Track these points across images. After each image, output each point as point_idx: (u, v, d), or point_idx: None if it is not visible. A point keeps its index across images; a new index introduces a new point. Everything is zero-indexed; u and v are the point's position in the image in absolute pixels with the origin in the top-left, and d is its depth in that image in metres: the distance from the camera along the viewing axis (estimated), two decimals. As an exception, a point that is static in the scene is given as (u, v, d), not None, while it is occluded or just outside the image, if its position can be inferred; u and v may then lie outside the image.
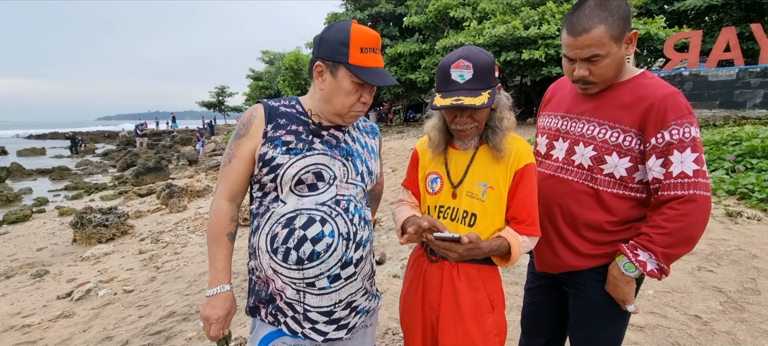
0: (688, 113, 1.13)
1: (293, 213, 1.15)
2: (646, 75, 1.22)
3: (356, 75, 1.11)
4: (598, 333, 1.33)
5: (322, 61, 1.15)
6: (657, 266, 1.12)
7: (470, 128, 1.25)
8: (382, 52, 1.23)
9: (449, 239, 1.13)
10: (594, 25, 1.09)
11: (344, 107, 1.17)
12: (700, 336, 2.32)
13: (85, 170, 18.12)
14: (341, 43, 1.11)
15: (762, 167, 5.05)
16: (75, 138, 28.87)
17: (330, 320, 1.21)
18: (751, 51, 11.07)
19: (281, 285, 1.18)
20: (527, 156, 1.28)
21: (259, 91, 32.34)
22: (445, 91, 1.22)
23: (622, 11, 1.10)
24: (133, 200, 10.21)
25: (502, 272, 3.30)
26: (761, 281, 2.87)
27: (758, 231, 3.78)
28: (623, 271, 1.17)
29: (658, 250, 1.10)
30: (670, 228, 1.09)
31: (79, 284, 4.44)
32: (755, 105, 9.08)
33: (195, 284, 4.09)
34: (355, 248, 1.21)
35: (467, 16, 13.91)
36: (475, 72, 1.19)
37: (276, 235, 1.15)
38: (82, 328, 3.43)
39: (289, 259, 1.15)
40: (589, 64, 1.15)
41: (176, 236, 6.27)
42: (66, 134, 33.53)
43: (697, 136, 1.11)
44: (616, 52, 1.13)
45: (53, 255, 5.99)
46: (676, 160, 1.10)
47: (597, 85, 1.21)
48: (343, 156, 1.22)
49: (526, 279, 1.63)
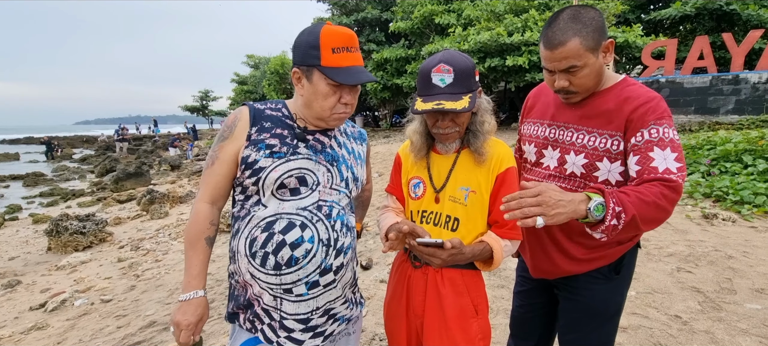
0: (668, 116, 1.15)
1: (273, 217, 1.13)
2: (628, 81, 1.25)
3: (329, 76, 1.09)
4: (590, 335, 1.34)
5: (297, 67, 1.14)
6: (615, 224, 1.01)
7: (452, 132, 1.26)
8: (367, 56, 1.22)
9: (432, 244, 1.12)
10: (569, 38, 1.12)
11: (325, 110, 1.14)
12: (681, 336, 2.38)
13: (61, 176, 17.51)
14: (312, 46, 1.10)
15: (735, 171, 5.24)
16: (50, 143, 27.91)
17: (306, 327, 1.18)
18: (723, 59, 11.51)
19: (259, 290, 1.16)
20: (508, 160, 1.29)
21: (244, 95, 31.98)
22: (426, 96, 1.22)
23: (595, 22, 1.12)
24: (112, 207, 9.91)
25: (488, 275, 3.31)
26: (737, 281, 2.96)
27: (733, 232, 3.91)
28: (590, 208, 1.01)
29: (630, 212, 1.02)
30: (649, 201, 1.03)
31: (54, 294, 4.27)
32: (728, 111, 9.45)
33: (177, 292, 3.98)
34: (335, 255, 1.19)
35: (452, 22, 14.09)
36: (455, 76, 1.19)
37: (255, 239, 1.13)
38: (56, 340, 3.29)
39: (267, 264, 1.12)
40: (568, 75, 1.17)
41: (157, 243, 6.10)
42: (42, 139, 32.43)
43: (675, 139, 1.13)
44: (594, 61, 1.15)
45: (26, 264, 5.75)
46: (658, 157, 1.09)
47: (579, 94, 1.23)
48: (328, 161, 1.21)
49: (516, 282, 1.64)
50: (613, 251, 1.30)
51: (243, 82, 33.40)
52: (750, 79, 9.21)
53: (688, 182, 5.33)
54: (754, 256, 3.35)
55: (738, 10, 12.92)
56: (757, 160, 5.23)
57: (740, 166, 5.30)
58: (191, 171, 14.33)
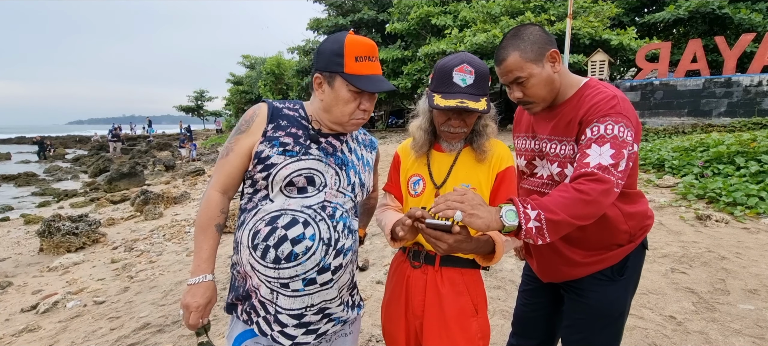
0: (614, 113, 1.14)
1: (278, 212, 1.16)
2: (588, 85, 1.27)
3: (351, 83, 1.13)
4: (595, 336, 1.35)
5: (319, 72, 1.18)
6: (538, 225, 1.02)
7: (461, 132, 1.29)
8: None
9: (440, 226, 1.11)
10: (509, 54, 1.23)
11: (344, 116, 1.19)
12: (675, 336, 2.39)
13: (54, 176, 17.32)
14: (336, 53, 1.14)
15: (728, 172, 5.30)
16: (43, 142, 27.61)
17: (300, 323, 1.20)
18: (716, 62, 11.64)
19: (257, 282, 1.18)
20: (508, 159, 1.32)
21: (240, 95, 31.86)
22: (446, 93, 1.24)
23: (533, 37, 1.22)
24: (105, 207, 9.81)
25: (485, 276, 3.32)
26: (730, 282, 2.99)
27: (726, 233, 3.94)
28: (502, 215, 1.03)
29: (551, 211, 1.02)
30: (568, 197, 1.04)
31: (46, 296, 4.21)
32: (720, 113, 9.56)
33: (171, 293, 3.95)
34: (334, 255, 1.20)
35: (449, 23, 14.14)
36: (476, 78, 1.24)
37: (258, 231, 1.16)
38: (48, 342, 3.25)
39: (267, 256, 1.15)
40: (519, 87, 1.25)
41: (151, 244, 6.05)
42: (34, 139, 32.04)
43: (619, 134, 1.10)
44: (539, 71, 1.22)
45: (17, 265, 5.67)
46: (593, 153, 1.10)
47: (536, 103, 1.28)
48: (337, 165, 1.24)
49: (521, 281, 1.66)
50: (615, 253, 1.31)
51: (238, 83, 33.28)
52: (742, 82, 9.32)
53: (681, 184, 5.39)
54: (746, 257, 3.39)
55: (730, 14, 13.09)
56: (749, 162, 5.29)
57: (733, 168, 5.36)
58: (186, 172, 14.23)
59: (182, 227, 6.73)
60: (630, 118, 1.15)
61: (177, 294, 3.89)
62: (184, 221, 7.10)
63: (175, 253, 5.44)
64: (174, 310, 3.49)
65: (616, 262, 1.32)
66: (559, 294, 1.48)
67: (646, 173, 6.30)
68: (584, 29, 11.94)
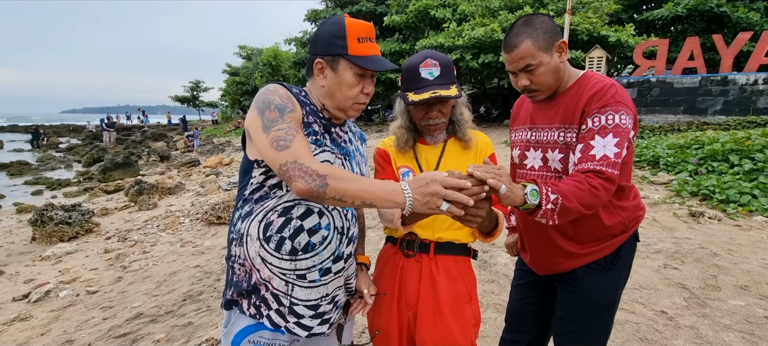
0: (614, 103, 1.19)
1: (291, 202, 1.12)
2: (587, 75, 1.31)
3: (357, 64, 1.11)
4: (587, 326, 1.37)
5: (321, 57, 1.14)
6: (552, 208, 1.08)
7: (440, 123, 1.36)
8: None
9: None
10: (522, 41, 1.24)
11: (348, 100, 1.15)
12: (666, 331, 2.41)
13: (47, 165, 17.13)
14: (337, 36, 1.11)
15: (722, 170, 5.34)
16: (37, 131, 27.30)
17: (315, 314, 1.19)
18: (713, 61, 11.67)
19: (268, 275, 1.13)
20: (491, 145, 1.46)
21: (236, 86, 31.60)
22: (418, 88, 1.30)
23: (545, 26, 1.25)
24: (99, 197, 9.74)
25: (478, 269, 3.33)
26: (721, 278, 3.01)
27: (719, 230, 3.98)
28: (526, 193, 1.08)
29: (566, 196, 1.09)
30: (583, 188, 1.11)
31: (38, 285, 4.18)
32: (716, 111, 9.60)
33: (164, 284, 3.93)
34: (347, 243, 1.21)
35: (447, 17, 14.06)
36: (442, 69, 1.31)
37: (271, 223, 1.11)
38: (40, 331, 3.23)
39: (282, 249, 1.11)
40: (527, 74, 1.27)
41: (145, 234, 6.01)
42: (28, 128, 31.63)
43: (621, 123, 1.17)
44: (549, 60, 1.25)
45: (9, 254, 5.62)
46: (598, 145, 1.16)
47: (541, 91, 1.31)
48: (343, 155, 1.22)
49: (514, 276, 1.67)
50: (608, 243, 1.33)
51: (235, 73, 32.98)
52: (738, 81, 9.36)
53: (675, 181, 5.42)
54: (738, 254, 3.42)
55: (728, 13, 13.11)
56: (743, 160, 5.32)
57: (727, 166, 5.39)
58: (181, 163, 14.14)
59: (176, 217, 6.69)
60: (628, 105, 1.20)
61: (171, 284, 3.88)
62: (179, 211, 7.06)
63: (169, 243, 5.42)
64: (167, 300, 3.47)
65: (609, 252, 1.34)
66: (553, 289, 1.49)
67: (641, 169, 6.33)
68: (583, 25, 11.92)
